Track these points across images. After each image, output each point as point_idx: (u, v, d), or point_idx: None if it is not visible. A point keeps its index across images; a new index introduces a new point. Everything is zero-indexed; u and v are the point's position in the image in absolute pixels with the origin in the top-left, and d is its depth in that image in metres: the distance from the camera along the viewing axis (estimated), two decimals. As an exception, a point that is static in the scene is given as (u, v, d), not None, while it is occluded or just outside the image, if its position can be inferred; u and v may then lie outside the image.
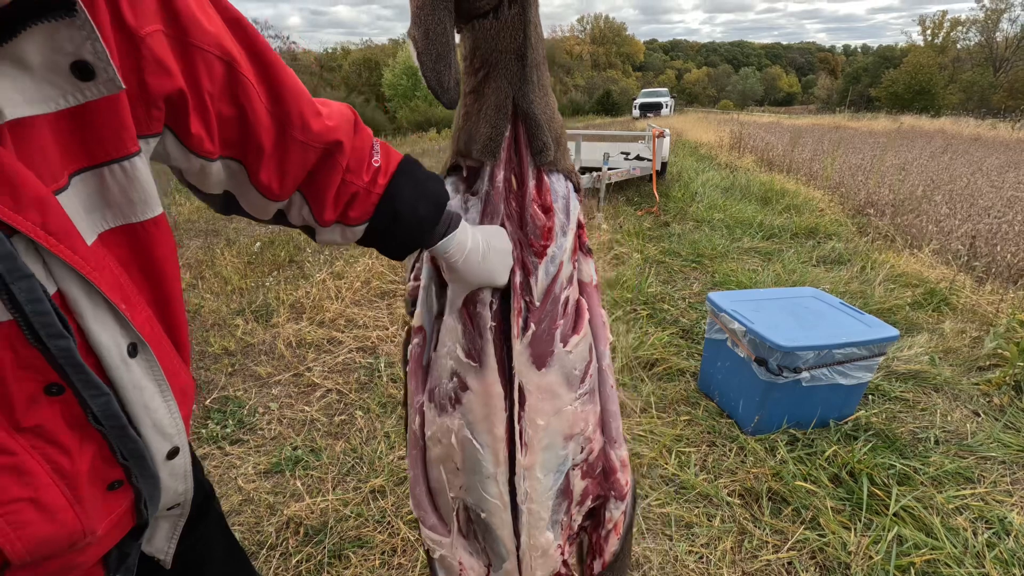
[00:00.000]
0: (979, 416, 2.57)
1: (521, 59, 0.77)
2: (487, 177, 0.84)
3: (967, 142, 14.50)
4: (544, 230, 0.85)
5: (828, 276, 4.24)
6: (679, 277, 4.35)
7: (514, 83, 0.78)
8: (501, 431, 0.89)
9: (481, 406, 0.88)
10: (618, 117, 38.73)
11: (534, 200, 0.84)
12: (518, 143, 0.83)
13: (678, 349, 3.12)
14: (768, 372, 2.25)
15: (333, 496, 2.05)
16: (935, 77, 48.95)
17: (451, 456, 0.93)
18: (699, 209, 6.34)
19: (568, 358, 0.90)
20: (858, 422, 2.42)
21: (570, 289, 0.91)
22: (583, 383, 0.94)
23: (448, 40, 0.69)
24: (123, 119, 0.52)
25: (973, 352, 3.12)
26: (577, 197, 0.90)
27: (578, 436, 0.95)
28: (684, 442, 2.36)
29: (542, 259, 0.85)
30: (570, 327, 0.92)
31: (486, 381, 0.87)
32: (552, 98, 0.85)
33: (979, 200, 6.17)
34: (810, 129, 18.28)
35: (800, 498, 2.01)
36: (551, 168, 0.85)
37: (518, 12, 0.75)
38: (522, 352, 0.86)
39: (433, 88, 0.70)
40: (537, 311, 0.86)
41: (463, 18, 0.75)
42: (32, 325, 0.45)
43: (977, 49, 54.20)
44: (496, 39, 0.76)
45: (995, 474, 2.16)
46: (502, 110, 0.79)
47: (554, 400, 0.90)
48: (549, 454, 0.92)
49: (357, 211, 0.76)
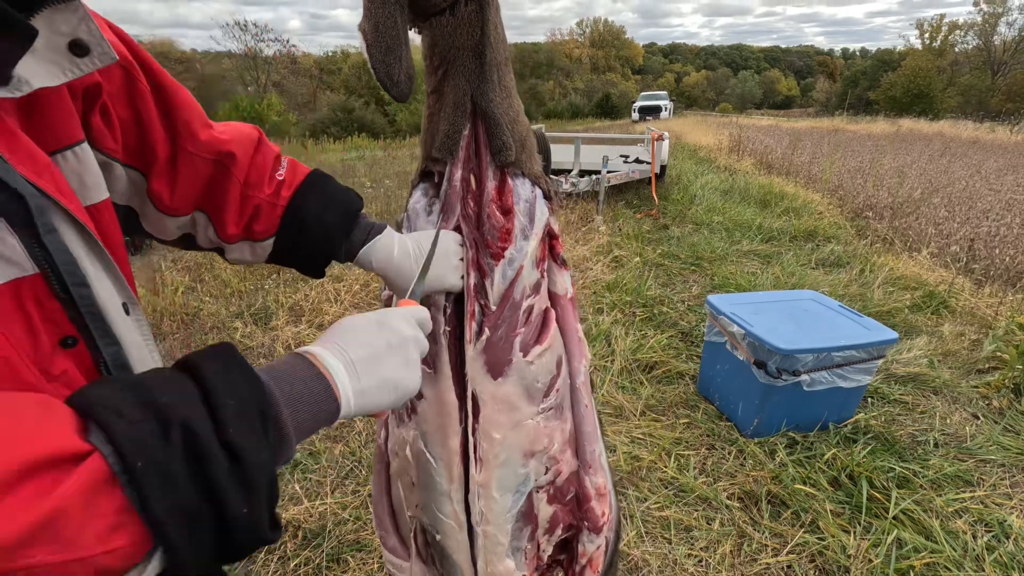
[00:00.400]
0: (978, 419, 2.56)
1: (479, 57, 0.77)
2: (446, 176, 0.82)
3: (966, 145, 14.54)
4: (502, 232, 0.82)
5: (827, 279, 4.25)
6: (678, 280, 4.35)
7: (472, 81, 0.78)
8: (455, 444, 0.85)
9: (435, 415, 0.84)
10: (617, 120, 38.80)
11: (493, 201, 0.82)
12: (478, 142, 0.82)
13: (677, 352, 3.11)
14: (767, 375, 2.25)
15: (332, 499, 2.04)
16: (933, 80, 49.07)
17: (407, 470, 0.89)
18: (698, 212, 6.35)
19: (529, 369, 0.85)
20: (857, 425, 2.42)
21: (535, 298, 0.86)
22: (547, 397, 0.88)
23: (398, 34, 0.68)
24: (69, 108, 0.57)
25: (972, 355, 3.13)
26: (547, 205, 0.87)
27: (540, 454, 0.89)
28: (683, 445, 2.36)
29: (499, 261, 0.82)
30: (533, 336, 0.87)
31: (439, 388, 0.84)
32: (516, 100, 0.84)
33: (978, 203, 6.18)
34: (809, 132, 18.31)
35: (799, 501, 2.00)
36: (516, 171, 0.84)
37: (475, 9, 0.75)
38: (475, 358, 0.83)
39: (382, 81, 0.69)
40: (493, 316, 0.83)
41: (420, 16, 0.75)
42: (61, 276, 0.47)
43: (975, 53, 54.35)
44: (453, 36, 0.76)
45: (995, 477, 2.16)
46: (460, 107, 0.79)
47: (512, 412, 0.85)
48: (506, 471, 0.86)
49: (262, 224, 0.75)
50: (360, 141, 21.86)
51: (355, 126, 29.05)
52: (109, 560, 0.32)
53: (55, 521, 0.29)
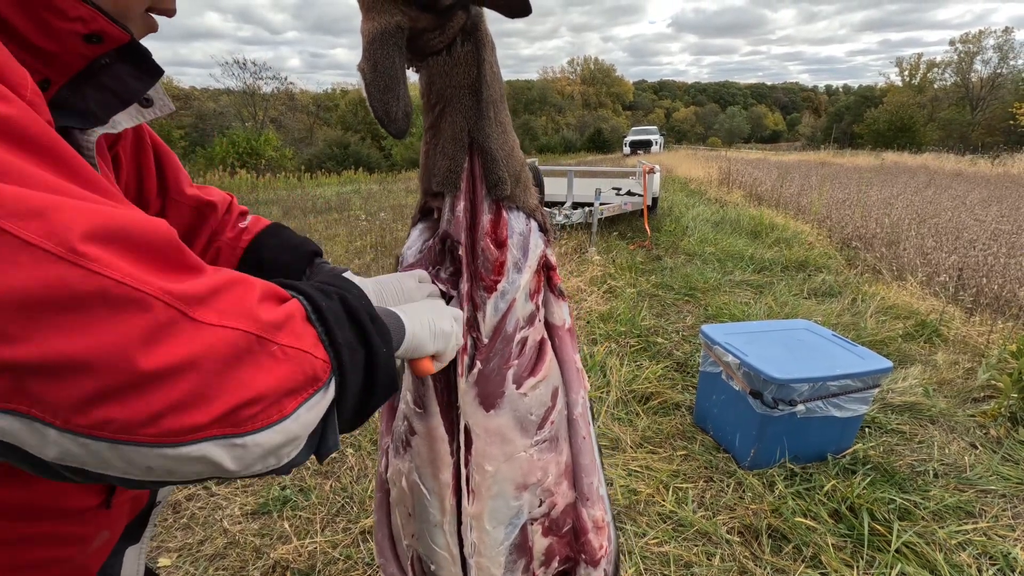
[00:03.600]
0: (976, 448, 2.55)
1: (476, 94, 0.79)
2: (448, 207, 0.84)
3: (949, 177, 14.89)
4: (496, 264, 0.83)
5: (820, 308, 4.27)
6: (672, 310, 4.37)
7: (469, 118, 0.80)
8: (447, 477, 0.85)
9: (427, 450, 0.85)
10: (609, 154, 39.55)
11: (487, 234, 0.83)
12: (473, 177, 0.84)
13: (672, 382, 3.10)
14: (763, 405, 2.24)
15: (322, 538, 1.98)
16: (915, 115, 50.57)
17: (403, 500, 0.89)
18: (691, 243, 6.42)
19: (522, 401, 0.85)
20: (856, 455, 2.39)
21: (529, 330, 0.87)
22: (541, 429, 0.88)
23: (396, 74, 0.70)
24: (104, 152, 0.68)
25: (967, 383, 3.13)
26: (542, 237, 0.88)
27: (534, 487, 0.88)
28: (681, 478, 2.32)
29: (491, 294, 0.83)
30: (526, 369, 0.87)
31: (429, 425, 0.84)
32: (512, 136, 0.86)
33: (964, 233, 6.29)
34: (796, 165, 18.72)
35: (800, 535, 1.96)
36: (510, 205, 0.85)
37: (471, 49, 0.78)
38: (467, 391, 0.83)
39: (380, 119, 0.71)
40: (485, 348, 0.83)
41: (417, 55, 0.78)
42: None
43: (953, 89, 56.21)
44: (450, 75, 0.78)
45: (996, 508, 2.13)
46: (459, 142, 0.81)
47: (504, 445, 0.85)
48: (499, 503, 0.86)
49: (223, 264, 0.81)
50: (356, 175, 22.12)
51: (351, 160, 29.45)
52: (316, 366, 0.44)
53: (290, 319, 0.43)
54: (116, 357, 0.33)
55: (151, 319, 0.35)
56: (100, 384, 0.33)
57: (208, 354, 0.37)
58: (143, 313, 0.35)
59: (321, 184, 18.15)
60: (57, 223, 0.33)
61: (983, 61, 54.42)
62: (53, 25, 0.48)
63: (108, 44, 0.53)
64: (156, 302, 0.35)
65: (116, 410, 0.34)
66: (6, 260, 0.31)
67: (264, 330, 0.40)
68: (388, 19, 0.70)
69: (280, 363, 0.41)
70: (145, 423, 0.34)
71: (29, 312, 0.31)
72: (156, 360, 0.34)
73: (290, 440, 0.42)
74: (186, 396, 0.35)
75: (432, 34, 0.75)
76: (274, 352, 0.41)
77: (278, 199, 12.74)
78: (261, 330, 0.40)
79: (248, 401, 0.38)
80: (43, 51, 0.50)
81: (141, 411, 0.34)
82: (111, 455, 0.35)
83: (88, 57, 0.53)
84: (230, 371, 0.38)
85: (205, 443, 0.37)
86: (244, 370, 0.39)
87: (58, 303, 0.32)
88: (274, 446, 0.41)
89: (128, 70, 0.57)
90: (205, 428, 0.37)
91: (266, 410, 0.40)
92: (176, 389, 0.35)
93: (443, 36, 0.76)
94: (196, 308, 0.37)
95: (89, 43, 0.51)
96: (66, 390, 0.32)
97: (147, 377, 0.34)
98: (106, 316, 0.33)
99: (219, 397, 0.37)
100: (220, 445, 0.38)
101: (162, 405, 0.35)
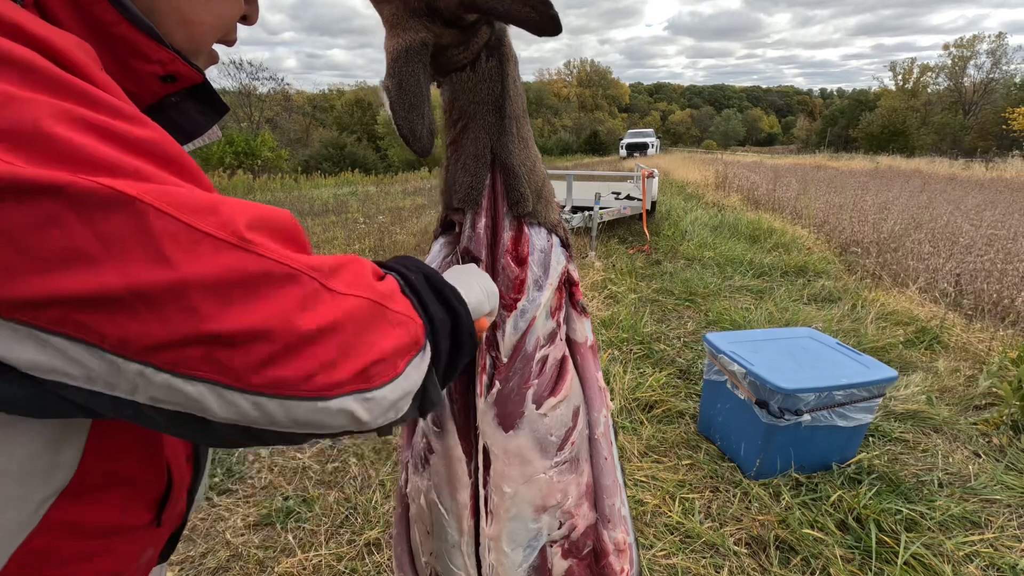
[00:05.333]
0: (980, 457, 2.55)
1: (499, 111, 0.78)
2: (469, 224, 0.82)
3: (944, 181, 14.98)
4: (516, 282, 0.82)
5: (820, 314, 4.28)
6: (673, 316, 4.36)
7: (492, 134, 0.79)
8: (465, 497, 0.83)
9: (445, 469, 0.84)
10: (606, 156, 39.65)
11: (508, 251, 0.82)
12: (495, 193, 0.82)
13: (676, 390, 3.09)
14: (769, 415, 2.23)
15: (326, 550, 1.96)
16: (909, 119, 50.95)
17: (422, 517, 0.88)
18: (690, 247, 6.42)
19: (542, 422, 0.84)
20: (860, 464, 2.39)
21: (550, 348, 0.85)
22: (562, 450, 0.87)
23: (421, 91, 0.69)
24: None
25: (968, 391, 3.13)
26: (564, 253, 0.87)
27: (554, 509, 0.87)
28: (687, 488, 2.31)
29: (511, 313, 0.81)
30: (547, 388, 0.85)
31: (447, 445, 0.83)
32: (534, 151, 0.85)
33: (960, 238, 6.32)
34: (792, 168, 18.80)
35: (808, 546, 1.96)
36: (532, 220, 0.84)
37: (495, 65, 0.76)
38: (486, 411, 0.81)
39: (405, 137, 0.70)
40: (504, 368, 0.81)
41: (440, 72, 0.77)
42: None
43: (946, 93, 56.66)
44: (474, 91, 0.77)
45: (1002, 518, 2.13)
46: (481, 159, 0.79)
47: (523, 466, 0.83)
48: (517, 525, 0.85)
49: None
50: (352, 176, 22.06)
51: (347, 161, 29.37)
52: (418, 330, 0.50)
53: (395, 293, 0.49)
54: (283, 323, 0.39)
55: (302, 290, 0.41)
56: (272, 348, 0.39)
57: (348, 318, 0.43)
58: (297, 285, 0.41)
59: (318, 186, 18.10)
60: (226, 216, 0.39)
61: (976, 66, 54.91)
62: (136, 68, 0.51)
63: (181, 84, 0.56)
64: (304, 276, 0.41)
65: (284, 369, 0.39)
66: (192, 250, 0.36)
67: (383, 298, 0.47)
68: (413, 36, 0.69)
69: (395, 327, 0.47)
70: (304, 379, 0.40)
71: (217, 291, 0.37)
72: (310, 323, 0.40)
73: (405, 394, 0.48)
74: (334, 355, 0.42)
75: (456, 50, 0.74)
76: (391, 318, 0.47)
77: (275, 201, 12.69)
78: (381, 298, 0.47)
79: (376, 360, 0.44)
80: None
81: (301, 368, 0.40)
82: (277, 410, 0.40)
83: (159, 95, 0.55)
84: (364, 333, 0.44)
85: (346, 397, 0.43)
86: (373, 332, 0.45)
87: (238, 282, 0.38)
88: (395, 399, 0.47)
89: (196, 107, 0.59)
90: (347, 383, 0.42)
91: (386, 368, 0.45)
92: (326, 349, 0.41)
93: (467, 52, 0.75)
94: (331, 279, 0.43)
95: (164, 83, 0.54)
96: (246, 356, 0.38)
97: (305, 338, 0.40)
98: (273, 290, 0.39)
99: (356, 356, 0.43)
100: (356, 399, 0.43)
101: (316, 363, 0.41)
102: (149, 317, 0.35)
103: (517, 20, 0.68)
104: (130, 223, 0.35)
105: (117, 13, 0.48)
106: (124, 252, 0.35)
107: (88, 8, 0.47)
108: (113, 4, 0.47)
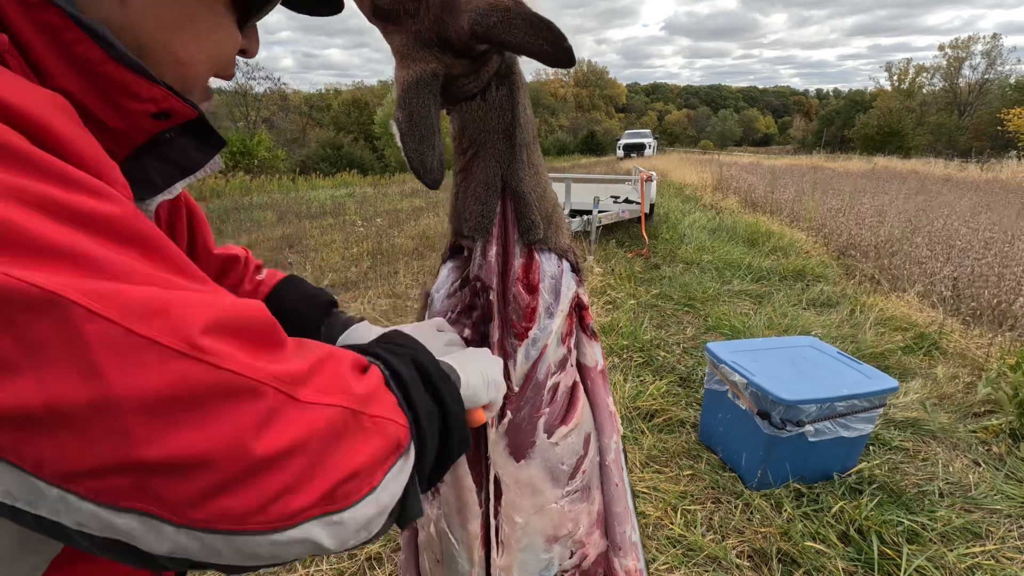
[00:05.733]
0: (979, 466, 2.55)
1: (510, 139, 0.77)
2: (479, 252, 0.82)
3: (939, 182, 15.03)
4: (527, 311, 0.81)
5: (819, 320, 4.29)
6: (672, 321, 4.36)
7: (502, 162, 0.78)
8: (475, 528, 0.83)
9: (455, 499, 0.83)
10: (603, 157, 39.68)
11: (519, 279, 0.81)
12: (505, 220, 0.82)
13: (676, 398, 3.09)
14: (771, 426, 2.23)
15: (327, 565, 1.95)
16: (904, 120, 51.16)
17: (431, 546, 0.88)
18: (688, 251, 6.43)
19: (554, 451, 0.84)
20: (861, 474, 2.39)
21: (560, 375, 0.85)
22: (573, 479, 0.86)
23: (432, 123, 0.69)
24: None
25: (967, 398, 3.14)
26: (575, 278, 0.86)
27: (565, 538, 0.87)
28: (689, 499, 2.31)
29: (522, 342, 0.81)
30: (558, 417, 0.85)
31: (457, 475, 0.82)
32: (544, 177, 0.85)
33: (957, 242, 6.34)
34: (789, 170, 18.83)
35: (810, 559, 1.96)
36: (542, 247, 0.83)
37: (506, 93, 0.76)
38: (497, 442, 0.81)
39: (416, 169, 0.69)
40: (515, 397, 0.81)
41: (450, 101, 0.76)
42: None
43: (941, 94, 56.94)
44: (484, 120, 0.76)
45: (1002, 529, 2.14)
46: (492, 187, 0.79)
47: (535, 496, 0.83)
48: (528, 556, 0.84)
49: None
50: (349, 177, 22.02)
51: (344, 162, 29.30)
52: (400, 433, 0.44)
53: (377, 388, 0.44)
54: (234, 448, 0.34)
55: (264, 405, 0.36)
56: (218, 476, 0.33)
57: (313, 435, 0.37)
58: (257, 401, 0.35)
59: (315, 187, 18.05)
60: (178, 318, 0.34)
61: (971, 67, 55.16)
62: (126, 107, 0.49)
63: (175, 120, 0.53)
64: (267, 388, 0.36)
65: (230, 501, 0.34)
66: (134, 362, 0.32)
67: (359, 403, 0.41)
68: (424, 67, 0.68)
69: (372, 436, 0.42)
70: (256, 511, 0.35)
71: (155, 412, 0.32)
72: (268, 446, 0.35)
73: (382, 510, 0.43)
74: (294, 479, 0.36)
75: (467, 79, 0.73)
76: (366, 425, 0.41)
77: (272, 203, 12.65)
78: (356, 403, 0.41)
79: (346, 477, 0.39)
80: (111, 128, 0.50)
81: (253, 499, 0.35)
82: (223, 546, 0.35)
83: (152, 132, 0.53)
84: (331, 449, 0.38)
85: (308, 524, 0.37)
86: (343, 447, 0.39)
87: (182, 400, 0.33)
88: (368, 519, 0.41)
89: (191, 143, 0.57)
90: (309, 509, 0.37)
91: (359, 484, 0.40)
92: (285, 473, 0.36)
93: (477, 81, 0.74)
94: (299, 388, 0.38)
95: (157, 119, 0.52)
96: (186, 485, 0.33)
97: (260, 464, 0.35)
98: (225, 408, 0.34)
99: (322, 476, 0.38)
100: (321, 524, 0.38)
101: (273, 491, 0.35)
102: (70, 439, 0.31)
103: (530, 52, 0.67)
104: (58, 328, 0.30)
105: (102, 52, 0.45)
106: (47, 362, 0.30)
107: (72, 48, 0.44)
108: (98, 43, 0.45)
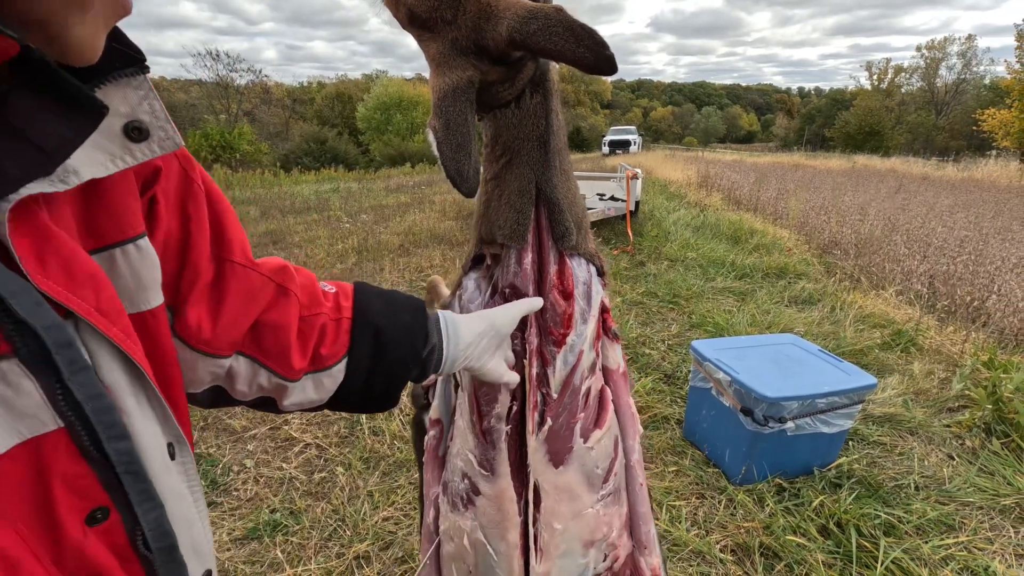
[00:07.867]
0: (954, 459, 2.63)
1: (544, 145, 0.77)
2: (513, 260, 0.81)
3: (917, 181, 15.34)
4: (564, 317, 0.81)
5: (801, 317, 4.36)
6: (657, 318, 4.41)
7: (536, 169, 0.78)
8: (515, 537, 0.83)
9: (495, 511, 0.83)
10: (588, 153, 39.75)
11: (555, 286, 0.81)
12: (539, 228, 0.82)
13: (661, 395, 3.13)
14: (754, 422, 2.27)
15: (315, 564, 1.95)
16: (883, 119, 52.05)
17: (463, 557, 0.87)
18: (673, 248, 6.49)
19: (589, 455, 0.84)
20: (841, 469, 2.45)
21: (592, 379, 0.86)
22: (607, 482, 0.87)
23: (468, 131, 0.68)
24: (135, 194, 0.48)
25: (942, 393, 3.23)
26: (601, 282, 0.87)
27: (600, 542, 0.88)
28: (674, 495, 2.34)
29: (560, 348, 0.81)
30: (592, 421, 0.86)
31: (499, 487, 0.83)
32: (574, 183, 0.85)
33: (933, 240, 6.48)
34: (771, 167, 19.07)
35: (791, 552, 2.00)
36: (572, 252, 0.83)
37: (540, 100, 0.76)
38: (538, 449, 0.81)
39: (452, 178, 0.69)
40: (555, 404, 0.81)
41: (484, 108, 0.76)
42: (92, 428, 0.39)
43: (919, 93, 58.00)
44: (519, 127, 0.76)
45: (975, 520, 2.20)
46: (526, 194, 0.79)
47: (573, 502, 0.84)
48: (567, 561, 0.85)
49: (329, 346, 0.65)
50: (333, 172, 21.78)
51: (328, 156, 28.98)
52: None
53: None
54: None
55: None
56: None
57: None
58: None
59: (299, 182, 17.83)
60: None
61: (947, 67, 56.28)
62: None
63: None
64: None
65: None
66: None
67: None
68: (460, 74, 0.68)
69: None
70: None
71: None
72: None
73: None
74: None
75: (501, 86, 0.73)
76: None
77: (256, 198, 12.48)
78: None
79: None
80: None
81: None
82: None
83: None
84: None
85: None
86: None
87: None
88: None
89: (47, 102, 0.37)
90: None
91: None
92: None
93: (512, 88, 0.74)
94: None
95: None
96: None
97: None
98: None
99: None
100: None
101: None
102: None
103: (570, 60, 0.65)
104: None
105: None
106: None
107: None
108: None
